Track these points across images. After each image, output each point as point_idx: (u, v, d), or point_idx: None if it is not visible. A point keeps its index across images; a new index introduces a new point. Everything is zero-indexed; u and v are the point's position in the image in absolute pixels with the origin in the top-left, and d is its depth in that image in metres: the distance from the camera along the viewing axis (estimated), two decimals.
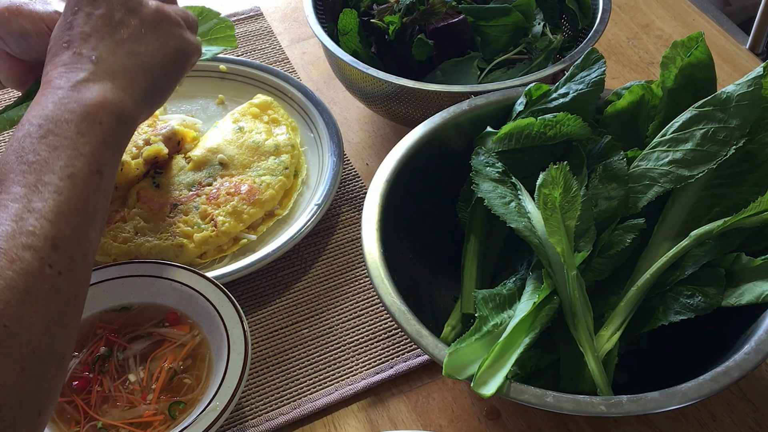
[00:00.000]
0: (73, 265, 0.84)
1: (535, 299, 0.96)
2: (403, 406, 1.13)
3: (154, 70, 1.03)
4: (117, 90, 0.97)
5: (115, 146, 0.95)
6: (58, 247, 0.82)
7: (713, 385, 0.88)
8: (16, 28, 1.11)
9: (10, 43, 1.13)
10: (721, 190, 1.03)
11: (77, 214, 0.86)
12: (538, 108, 1.13)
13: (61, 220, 0.84)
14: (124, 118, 0.96)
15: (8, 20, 1.11)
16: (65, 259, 0.83)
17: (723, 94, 1.02)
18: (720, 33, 1.65)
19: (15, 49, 1.13)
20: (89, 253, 0.88)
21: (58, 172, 0.86)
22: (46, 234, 0.82)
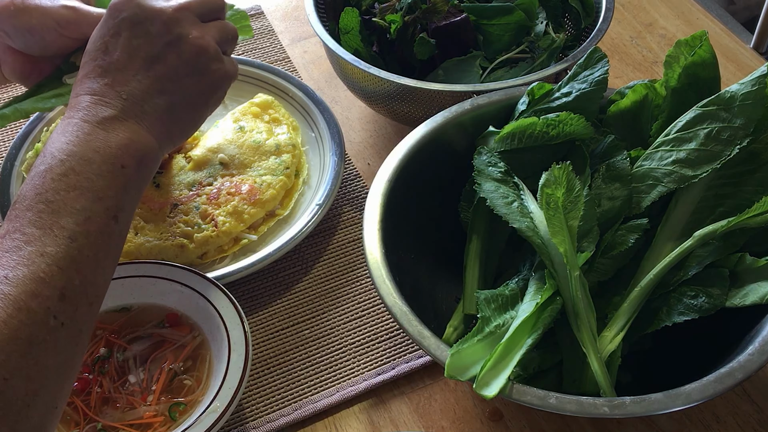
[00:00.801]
0: (77, 316, 0.84)
1: (538, 300, 0.96)
2: (404, 407, 1.13)
3: (186, 109, 1.03)
4: (143, 132, 0.97)
5: (135, 189, 0.95)
6: (65, 296, 0.83)
7: (717, 386, 0.88)
8: (21, 22, 1.11)
9: (15, 38, 1.13)
10: (725, 190, 1.03)
11: (88, 261, 0.86)
12: (540, 107, 1.13)
13: (71, 268, 0.84)
14: (147, 161, 0.97)
15: (14, 15, 1.11)
16: (70, 309, 0.83)
17: (727, 94, 1.02)
18: (724, 32, 1.65)
19: (20, 44, 1.13)
20: (95, 302, 0.88)
21: (74, 215, 0.86)
22: (55, 283, 0.82)
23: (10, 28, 1.12)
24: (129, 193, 0.93)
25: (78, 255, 0.85)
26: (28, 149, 1.40)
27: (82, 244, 0.86)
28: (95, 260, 0.87)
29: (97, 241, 0.88)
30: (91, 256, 0.86)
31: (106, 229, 0.89)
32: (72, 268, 0.84)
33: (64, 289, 0.83)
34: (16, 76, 1.18)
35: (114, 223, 0.90)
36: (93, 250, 0.87)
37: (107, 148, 0.92)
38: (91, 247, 0.87)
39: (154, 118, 0.98)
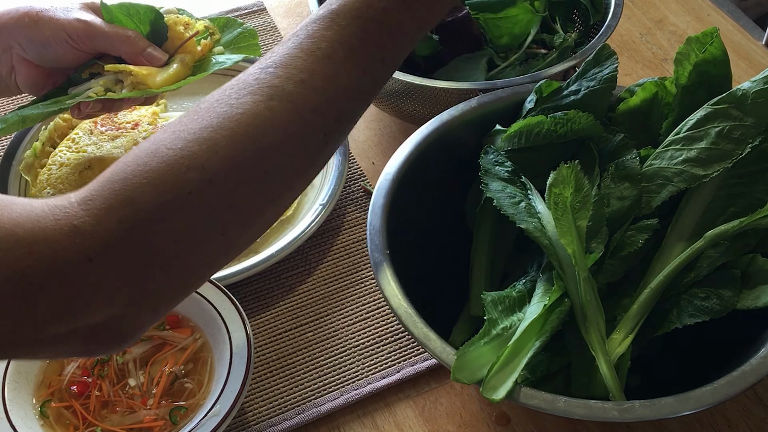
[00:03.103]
0: (339, 141, 0.87)
1: (546, 302, 0.96)
2: (410, 411, 1.13)
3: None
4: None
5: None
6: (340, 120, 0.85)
7: (728, 389, 0.88)
8: (35, 34, 1.13)
9: (29, 50, 1.14)
10: (736, 189, 1.03)
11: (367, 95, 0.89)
12: (548, 105, 1.13)
13: (355, 97, 0.86)
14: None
15: (28, 26, 1.13)
16: (338, 133, 0.86)
17: (738, 91, 1.02)
18: (735, 28, 1.65)
19: (34, 56, 1.15)
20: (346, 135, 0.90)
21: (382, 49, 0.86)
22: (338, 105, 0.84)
23: (24, 40, 1.14)
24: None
25: (364, 86, 0.86)
26: (26, 148, 1.40)
27: (370, 78, 0.86)
28: (371, 95, 0.89)
29: (379, 79, 0.88)
30: (370, 91, 0.88)
31: (389, 73, 0.90)
32: (356, 97, 0.86)
33: (342, 113, 0.84)
34: (29, 87, 1.20)
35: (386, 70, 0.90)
36: (373, 86, 0.88)
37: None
38: (374, 83, 0.88)
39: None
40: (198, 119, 0.77)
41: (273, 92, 0.79)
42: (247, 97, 0.78)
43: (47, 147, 1.39)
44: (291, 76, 0.80)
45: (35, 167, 1.37)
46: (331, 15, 0.84)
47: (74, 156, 1.34)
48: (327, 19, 0.83)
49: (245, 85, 0.80)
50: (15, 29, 1.14)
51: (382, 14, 0.85)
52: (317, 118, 0.81)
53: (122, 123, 1.40)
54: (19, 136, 1.42)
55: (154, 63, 1.23)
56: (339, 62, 0.82)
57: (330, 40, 0.82)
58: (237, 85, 0.80)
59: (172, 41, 1.28)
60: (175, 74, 1.24)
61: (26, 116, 1.20)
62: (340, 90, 0.83)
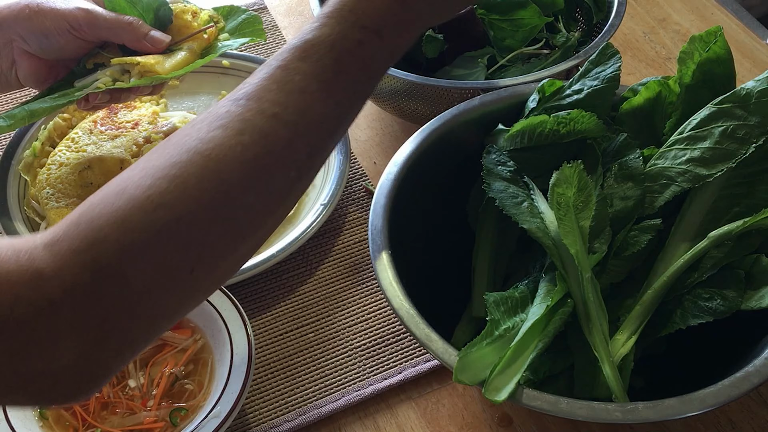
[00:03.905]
0: (310, 177, 0.85)
1: (548, 302, 0.97)
2: (412, 412, 1.13)
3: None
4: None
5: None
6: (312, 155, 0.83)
7: (732, 390, 0.88)
8: (37, 26, 1.13)
9: (31, 42, 1.14)
10: (740, 189, 1.03)
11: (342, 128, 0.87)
12: (551, 105, 1.13)
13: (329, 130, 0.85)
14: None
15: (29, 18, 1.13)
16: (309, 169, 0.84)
17: (742, 91, 1.02)
18: (739, 27, 1.65)
19: (35, 48, 1.15)
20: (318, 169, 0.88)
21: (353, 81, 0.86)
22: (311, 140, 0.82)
23: (25, 32, 1.14)
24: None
25: (336, 120, 0.84)
26: (25, 147, 1.40)
27: (342, 112, 0.85)
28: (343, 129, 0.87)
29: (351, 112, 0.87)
30: (342, 125, 0.86)
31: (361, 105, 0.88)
32: (328, 131, 0.84)
33: (314, 148, 0.82)
34: (31, 80, 1.20)
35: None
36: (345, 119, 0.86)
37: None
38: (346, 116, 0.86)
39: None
40: (167, 155, 0.75)
41: (244, 126, 0.77)
42: (218, 131, 0.76)
43: (47, 146, 1.39)
44: (263, 110, 0.78)
45: (34, 167, 1.37)
46: (305, 46, 0.82)
47: (74, 156, 1.34)
48: (301, 50, 0.82)
49: (216, 117, 0.78)
50: (15, 22, 1.15)
51: (357, 47, 0.84)
52: (289, 154, 0.80)
53: (122, 122, 1.40)
54: (18, 136, 1.42)
55: (157, 46, 1.23)
56: (312, 96, 0.81)
57: (304, 73, 0.81)
58: (208, 117, 0.78)
59: (179, 30, 1.28)
60: (183, 61, 1.25)
61: (34, 110, 1.20)
62: (313, 125, 0.81)
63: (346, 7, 0.84)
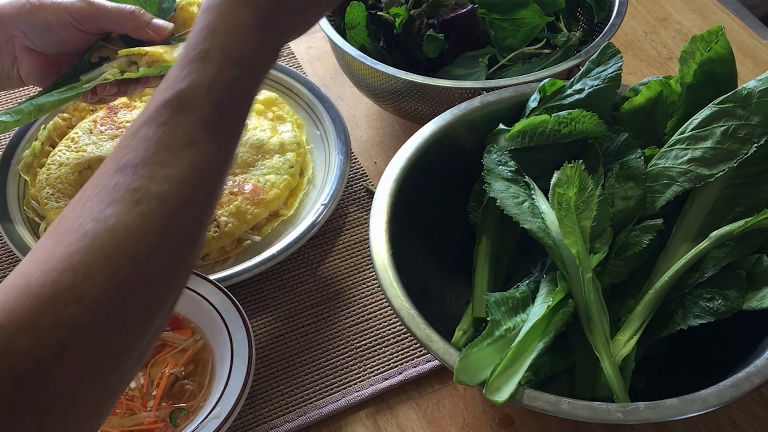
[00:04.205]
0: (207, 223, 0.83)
1: (549, 303, 0.97)
2: (412, 413, 1.13)
3: None
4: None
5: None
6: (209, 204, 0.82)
7: (734, 391, 0.88)
8: (39, 20, 1.13)
9: (33, 37, 1.14)
10: (742, 189, 1.03)
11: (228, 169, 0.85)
12: (552, 105, 1.13)
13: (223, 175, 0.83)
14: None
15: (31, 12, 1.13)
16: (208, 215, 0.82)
17: (744, 90, 1.02)
18: (741, 27, 1.65)
19: (37, 43, 1.15)
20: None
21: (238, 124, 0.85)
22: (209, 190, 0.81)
23: (27, 27, 1.13)
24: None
25: (225, 162, 0.82)
26: (25, 147, 1.40)
27: (230, 152, 0.83)
28: (230, 167, 0.85)
29: (235, 148, 0.85)
30: (230, 163, 0.84)
31: (240, 140, 0.86)
32: (220, 175, 0.82)
33: (210, 195, 0.81)
34: (33, 77, 1.20)
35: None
36: (232, 157, 0.85)
37: None
38: (232, 154, 0.84)
39: None
40: (65, 243, 0.71)
41: (139, 196, 0.74)
42: (112, 207, 0.73)
43: (46, 146, 1.39)
44: (154, 174, 0.75)
45: (34, 167, 1.37)
46: (181, 96, 0.79)
47: (74, 155, 1.34)
48: (178, 102, 0.79)
49: (105, 192, 0.74)
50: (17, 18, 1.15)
51: (233, 84, 0.83)
52: (190, 211, 0.78)
53: (122, 122, 1.40)
54: (18, 136, 1.42)
55: (160, 33, 1.23)
56: (200, 146, 0.79)
57: (186, 126, 0.78)
58: (96, 193, 0.75)
59: (184, 22, 1.29)
60: None
61: (41, 104, 1.20)
62: (205, 174, 0.79)
63: (214, 47, 0.82)
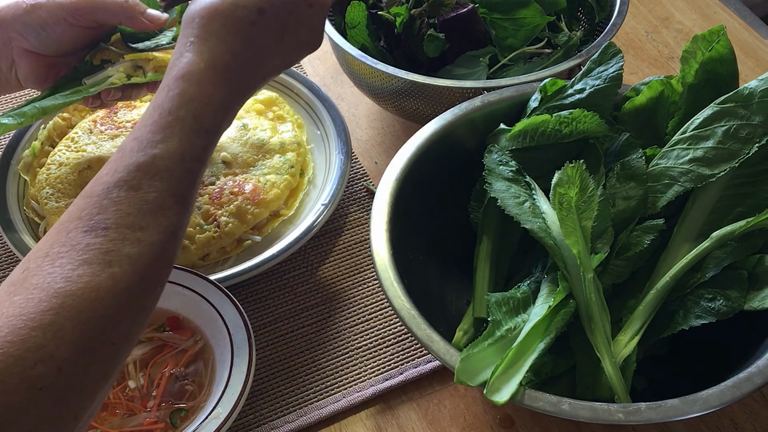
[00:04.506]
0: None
1: (551, 303, 0.97)
2: (413, 413, 1.13)
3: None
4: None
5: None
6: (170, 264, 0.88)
7: (735, 392, 0.88)
8: (34, 19, 1.13)
9: (30, 37, 1.14)
10: (743, 189, 1.03)
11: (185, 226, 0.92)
12: (553, 104, 1.13)
13: (179, 236, 0.89)
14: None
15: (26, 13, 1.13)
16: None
17: (746, 90, 1.02)
18: (742, 26, 1.65)
19: (35, 43, 1.15)
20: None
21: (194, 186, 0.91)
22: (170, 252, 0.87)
23: (23, 27, 1.14)
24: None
25: (187, 221, 0.89)
26: (24, 147, 1.40)
27: (191, 211, 0.89)
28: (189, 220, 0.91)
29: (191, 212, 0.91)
30: (188, 222, 0.90)
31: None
32: (182, 235, 0.88)
33: (174, 256, 0.86)
34: (31, 80, 1.20)
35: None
36: (189, 217, 0.90)
37: None
38: (191, 212, 0.90)
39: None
40: (36, 300, 0.74)
41: (111, 258, 0.78)
42: (84, 268, 0.76)
43: (46, 146, 1.39)
44: (126, 237, 0.80)
45: (34, 167, 1.37)
46: (155, 162, 0.85)
47: (73, 155, 1.34)
48: (151, 167, 0.84)
49: (76, 252, 0.78)
50: (13, 19, 1.15)
51: (203, 151, 0.89)
52: (158, 270, 0.83)
53: (122, 122, 1.40)
54: (17, 136, 1.42)
55: (155, 23, 1.23)
56: (171, 210, 0.84)
57: (159, 191, 0.84)
58: (67, 251, 0.78)
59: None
60: None
61: (45, 107, 1.20)
62: (173, 237, 0.85)
63: (189, 116, 0.88)
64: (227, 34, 0.94)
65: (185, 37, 0.94)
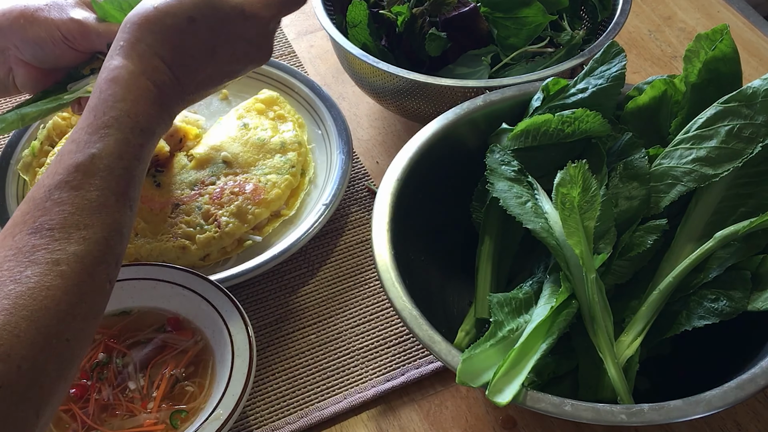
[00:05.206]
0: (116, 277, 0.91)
1: (553, 303, 0.97)
2: (414, 414, 1.13)
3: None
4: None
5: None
6: (117, 263, 0.90)
7: (739, 392, 0.88)
8: (31, 35, 1.13)
9: (25, 51, 1.15)
10: (746, 189, 1.03)
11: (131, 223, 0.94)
12: (555, 104, 1.13)
13: (126, 234, 0.92)
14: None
15: (23, 27, 1.13)
16: (116, 272, 0.90)
17: (749, 89, 1.02)
18: (746, 25, 1.65)
19: (29, 57, 1.15)
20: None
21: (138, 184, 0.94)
22: (115, 249, 0.89)
23: (20, 41, 1.14)
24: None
25: (131, 222, 0.91)
26: (24, 147, 1.40)
27: (135, 212, 0.92)
28: (134, 220, 0.93)
29: (136, 207, 0.94)
30: (133, 223, 0.92)
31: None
32: (128, 235, 0.90)
33: (119, 255, 0.88)
34: (29, 87, 1.20)
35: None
36: (135, 217, 0.93)
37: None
38: (135, 214, 0.93)
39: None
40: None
41: (58, 257, 0.80)
42: (33, 269, 0.79)
43: (46, 146, 1.39)
44: (70, 235, 0.82)
45: (33, 167, 1.37)
46: (94, 161, 0.88)
47: None
48: (91, 166, 0.87)
49: (23, 254, 0.80)
50: (10, 31, 1.15)
51: (140, 150, 0.93)
52: (103, 269, 0.85)
53: None
54: (17, 135, 1.42)
55: None
56: (112, 208, 0.87)
57: (99, 189, 0.86)
58: (14, 254, 0.80)
59: None
60: None
61: (25, 114, 1.20)
62: (117, 234, 0.87)
63: (123, 115, 0.92)
64: (155, 41, 0.98)
65: (117, 42, 0.99)
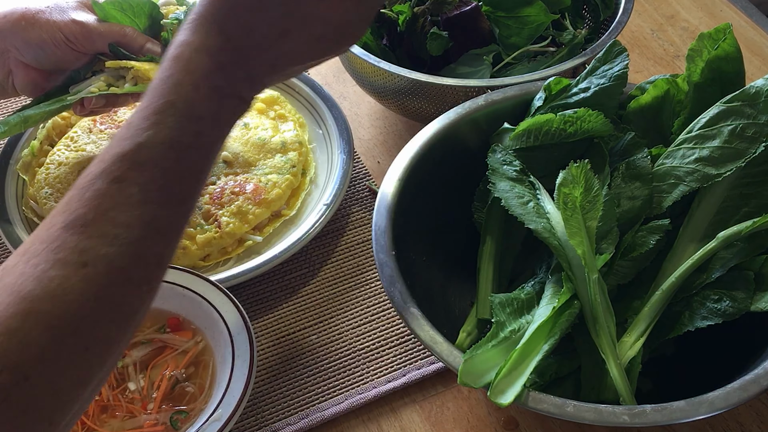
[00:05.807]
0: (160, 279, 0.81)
1: (555, 304, 0.97)
2: (416, 415, 1.13)
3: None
4: None
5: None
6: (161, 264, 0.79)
7: (742, 393, 0.88)
8: (32, 37, 1.13)
9: (26, 53, 1.15)
10: (749, 189, 1.03)
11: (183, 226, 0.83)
12: (557, 103, 1.13)
13: (176, 235, 0.81)
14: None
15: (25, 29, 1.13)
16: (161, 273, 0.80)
17: (752, 89, 1.02)
18: (749, 24, 1.65)
19: (31, 59, 1.15)
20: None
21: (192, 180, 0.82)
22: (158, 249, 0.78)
23: (21, 43, 1.14)
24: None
25: (181, 222, 0.80)
26: (23, 147, 1.40)
27: (186, 210, 0.80)
28: (185, 227, 0.82)
29: (193, 206, 0.82)
30: (186, 224, 0.81)
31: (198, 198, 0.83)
32: (175, 236, 0.80)
33: (161, 257, 0.78)
34: (28, 90, 1.20)
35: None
36: (188, 216, 0.81)
37: None
38: (189, 213, 0.81)
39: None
40: (3, 303, 0.69)
41: (85, 258, 0.71)
42: (57, 269, 0.71)
43: (45, 146, 1.40)
44: (104, 234, 0.73)
45: (33, 166, 1.38)
46: (141, 149, 0.76)
47: (73, 155, 1.35)
48: (137, 155, 0.76)
49: (50, 250, 0.72)
50: (11, 33, 1.15)
51: (197, 138, 0.80)
52: (138, 272, 0.75)
53: (122, 121, 1.40)
54: (16, 135, 1.42)
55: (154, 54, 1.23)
56: (154, 206, 0.76)
57: (142, 183, 0.75)
58: (43, 249, 0.72)
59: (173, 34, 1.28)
60: None
61: (28, 117, 1.20)
62: (159, 235, 0.77)
63: (180, 99, 0.79)
64: (224, 18, 0.84)
65: (191, 14, 0.85)
